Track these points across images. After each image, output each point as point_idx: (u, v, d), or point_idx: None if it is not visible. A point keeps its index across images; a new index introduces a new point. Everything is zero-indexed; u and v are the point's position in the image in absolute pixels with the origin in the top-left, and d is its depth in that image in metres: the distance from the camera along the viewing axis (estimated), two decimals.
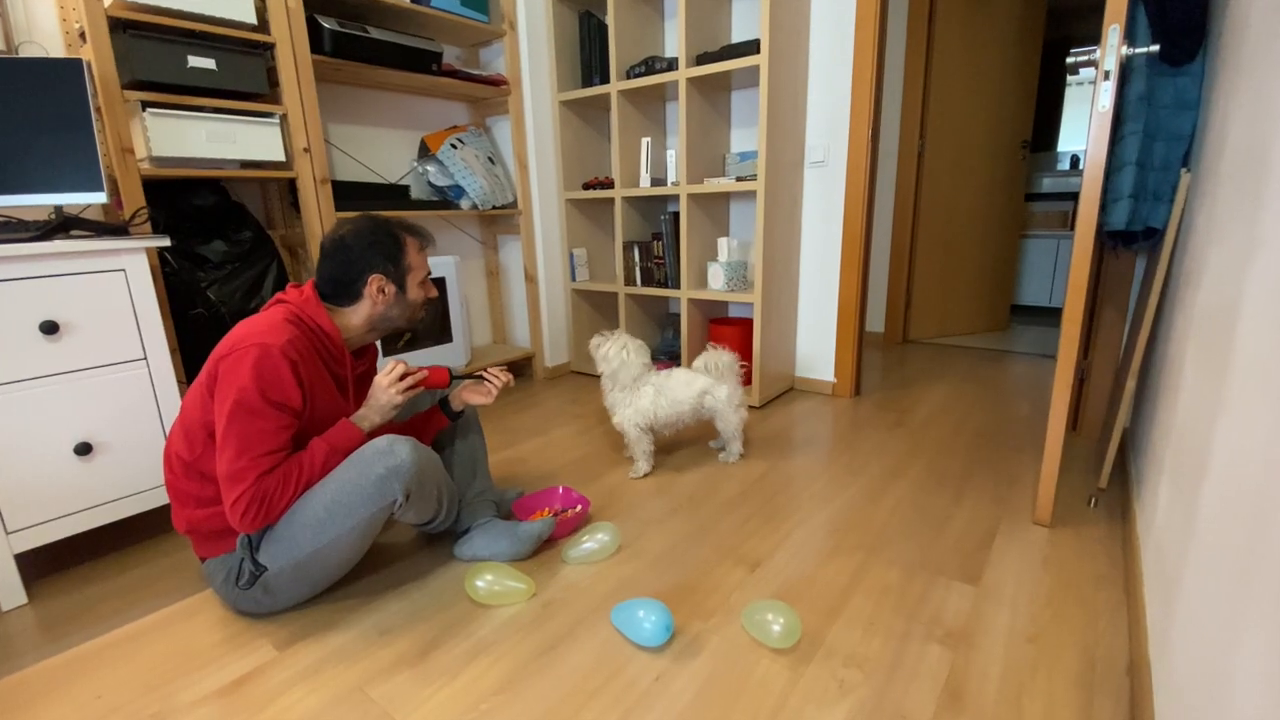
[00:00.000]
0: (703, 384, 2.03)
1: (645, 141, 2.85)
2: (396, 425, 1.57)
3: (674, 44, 3.01)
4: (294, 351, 1.25)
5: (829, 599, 1.39)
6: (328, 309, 1.39)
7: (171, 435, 1.34)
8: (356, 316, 1.42)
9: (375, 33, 2.32)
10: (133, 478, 1.60)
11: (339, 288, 1.39)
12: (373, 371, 1.56)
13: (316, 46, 2.19)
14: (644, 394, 1.99)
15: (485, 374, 1.59)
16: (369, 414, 1.39)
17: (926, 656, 1.21)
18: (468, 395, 1.60)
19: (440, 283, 2.78)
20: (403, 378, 1.41)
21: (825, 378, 2.89)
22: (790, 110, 2.56)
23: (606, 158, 3.27)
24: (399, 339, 2.67)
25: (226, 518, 1.30)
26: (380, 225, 1.41)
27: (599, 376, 2.08)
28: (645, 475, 2.04)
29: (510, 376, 1.59)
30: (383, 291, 1.40)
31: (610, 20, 2.71)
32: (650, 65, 2.68)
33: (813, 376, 2.93)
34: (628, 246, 2.95)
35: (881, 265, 3.81)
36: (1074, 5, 4.70)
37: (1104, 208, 1.65)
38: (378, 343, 1.67)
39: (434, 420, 1.62)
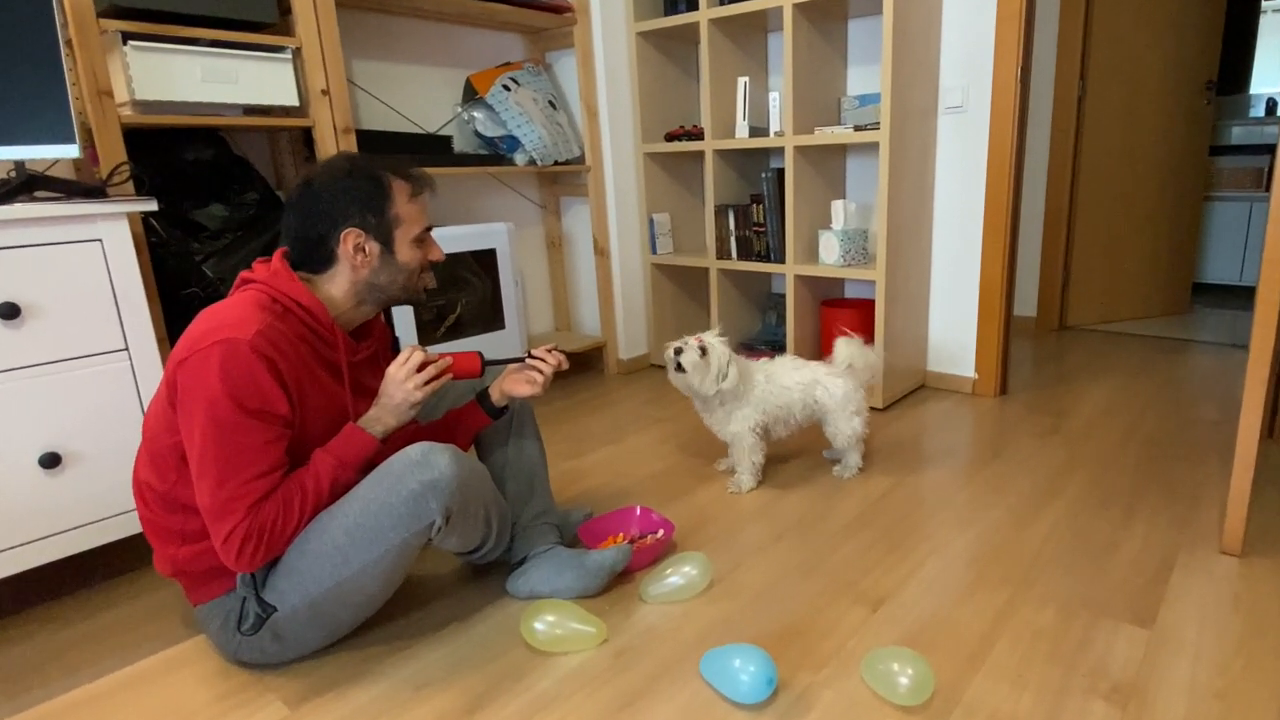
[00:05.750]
0: (813, 372, 1.97)
1: (742, 82, 2.77)
2: (420, 429, 1.52)
3: None
4: (268, 345, 1.18)
5: (968, 645, 1.37)
6: (302, 279, 1.31)
7: (137, 461, 1.28)
8: (336, 286, 1.33)
9: None
10: (110, 496, 1.55)
11: (308, 248, 1.31)
12: (382, 356, 1.47)
13: None
14: (756, 384, 1.94)
15: (530, 356, 1.49)
16: (382, 415, 1.32)
17: (1089, 715, 1.19)
18: (510, 386, 1.51)
19: (489, 255, 2.68)
20: (422, 367, 1.32)
21: (964, 373, 2.79)
22: (921, 44, 2.46)
23: (694, 102, 3.19)
24: (439, 325, 2.60)
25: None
26: (359, 166, 1.32)
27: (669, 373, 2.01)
28: (750, 490, 2.01)
29: (562, 356, 1.50)
30: (362, 250, 1.30)
31: None
32: None
33: (948, 371, 2.84)
34: (720, 211, 2.89)
35: (1033, 235, 3.68)
36: None
37: None
38: (383, 318, 1.67)
39: (470, 419, 1.53)
